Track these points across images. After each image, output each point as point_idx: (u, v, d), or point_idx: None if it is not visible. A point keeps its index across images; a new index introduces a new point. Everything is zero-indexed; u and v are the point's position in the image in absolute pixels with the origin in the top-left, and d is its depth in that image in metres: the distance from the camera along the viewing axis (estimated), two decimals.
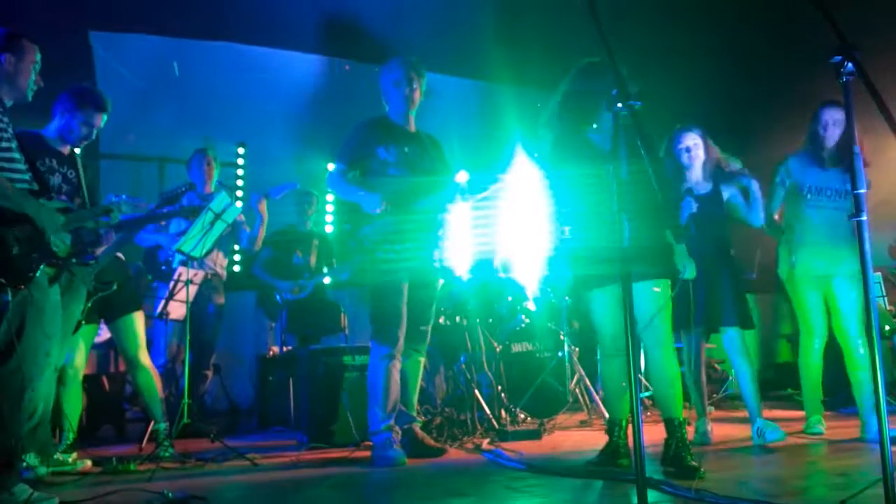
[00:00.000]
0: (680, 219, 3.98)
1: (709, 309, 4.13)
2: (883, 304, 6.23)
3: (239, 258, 6.65)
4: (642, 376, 5.27)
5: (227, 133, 6.79)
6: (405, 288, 3.99)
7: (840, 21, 2.21)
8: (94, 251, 3.64)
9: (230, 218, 4.55)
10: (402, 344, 3.99)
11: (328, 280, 6.15)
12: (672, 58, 6.59)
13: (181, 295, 4.66)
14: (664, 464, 3.38)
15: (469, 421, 4.71)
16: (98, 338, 4.69)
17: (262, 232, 5.22)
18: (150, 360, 4.42)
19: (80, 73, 3.87)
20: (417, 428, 4.14)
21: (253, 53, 7.12)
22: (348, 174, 4.11)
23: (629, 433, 3.41)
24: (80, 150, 3.91)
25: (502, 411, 4.88)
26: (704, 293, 4.09)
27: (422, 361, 4.24)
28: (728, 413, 5.61)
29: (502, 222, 6.25)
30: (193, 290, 4.63)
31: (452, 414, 4.84)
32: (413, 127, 4.21)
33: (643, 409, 5.47)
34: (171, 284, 4.72)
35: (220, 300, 5.36)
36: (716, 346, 4.36)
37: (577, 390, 5.48)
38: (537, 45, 6.52)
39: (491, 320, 5.52)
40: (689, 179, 4.28)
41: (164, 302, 4.75)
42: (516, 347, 5.30)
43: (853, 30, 2.25)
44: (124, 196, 3.68)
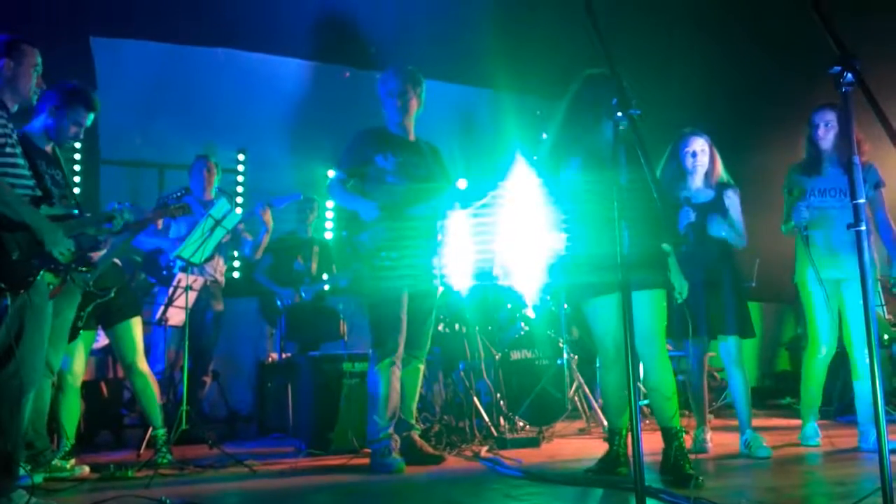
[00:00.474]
0: (678, 228, 3.98)
1: (710, 317, 4.11)
2: (882, 312, 6.22)
3: (238, 265, 6.66)
4: (641, 384, 5.26)
5: (228, 139, 6.81)
6: (404, 296, 3.99)
7: (840, 25, 2.20)
8: (92, 256, 3.62)
9: (230, 224, 4.56)
10: (401, 351, 3.99)
11: (328, 287, 6.16)
12: (669, 65, 6.61)
13: (180, 301, 4.66)
14: (663, 472, 3.38)
15: (468, 428, 4.70)
16: (96, 344, 4.69)
17: (266, 241, 5.23)
18: (147, 366, 4.40)
19: (80, 79, 3.85)
20: (416, 435, 4.13)
21: (253, 60, 7.14)
22: (348, 182, 4.14)
23: (629, 442, 3.41)
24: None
25: (501, 419, 4.87)
26: (706, 302, 4.08)
27: (421, 369, 4.23)
28: (726, 422, 5.59)
29: (501, 230, 6.25)
30: (192, 296, 4.63)
31: (451, 421, 4.83)
32: (412, 135, 4.22)
33: (642, 417, 5.45)
34: (171, 290, 4.73)
35: (220, 307, 5.37)
36: (715, 353, 4.34)
37: (576, 398, 5.47)
38: (537, 53, 6.55)
39: (490, 328, 5.51)
40: (690, 186, 4.23)
41: (163, 308, 4.76)
42: (515, 355, 5.29)
43: (853, 38, 2.25)
44: (128, 203, 3.66)
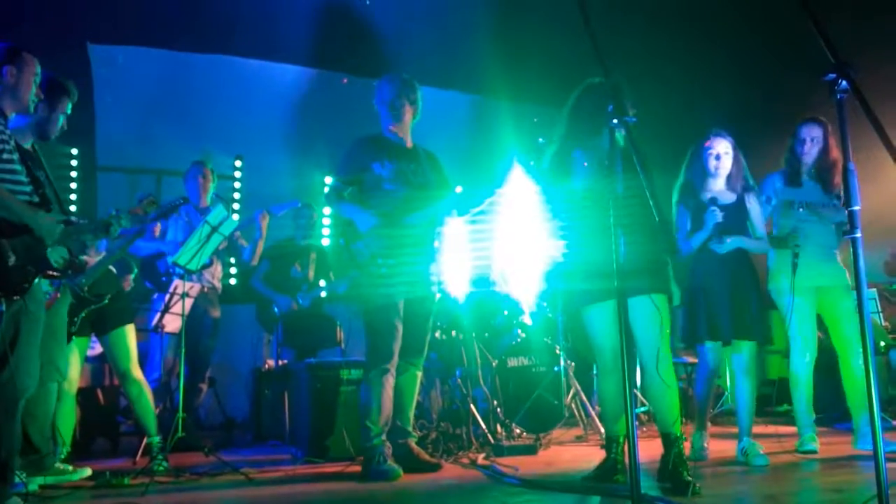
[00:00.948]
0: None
1: (733, 321, 4.00)
2: (878, 319, 6.23)
3: (235, 271, 6.65)
4: (638, 392, 5.26)
5: (225, 146, 6.81)
6: (400, 304, 3.99)
7: (841, 28, 2.21)
8: (87, 261, 3.61)
9: (227, 231, 4.56)
10: (396, 359, 3.98)
11: (325, 294, 6.15)
12: (667, 68, 6.61)
13: (177, 308, 4.65)
14: (661, 479, 3.37)
15: (465, 435, 4.69)
16: (91, 351, 4.68)
17: (261, 247, 5.23)
18: (141, 373, 4.37)
19: (78, 86, 3.85)
20: (412, 443, 4.12)
21: (251, 67, 7.15)
22: (346, 189, 4.13)
23: (626, 450, 3.40)
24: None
25: (498, 426, 4.86)
26: (727, 306, 3.99)
27: (419, 376, 4.22)
28: (724, 429, 5.59)
29: (498, 236, 6.25)
30: (189, 302, 4.62)
31: (448, 428, 4.82)
32: (410, 142, 4.23)
33: (640, 424, 5.45)
34: (167, 297, 4.72)
35: (216, 313, 5.36)
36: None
37: (574, 405, 5.46)
38: (534, 61, 6.56)
39: (487, 335, 5.50)
40: (712, 188, 4.13)
41: (159, 315, 4.75)
42: (512, 362, 5.28)
43: (848, 44, 2.26)
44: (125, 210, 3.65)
